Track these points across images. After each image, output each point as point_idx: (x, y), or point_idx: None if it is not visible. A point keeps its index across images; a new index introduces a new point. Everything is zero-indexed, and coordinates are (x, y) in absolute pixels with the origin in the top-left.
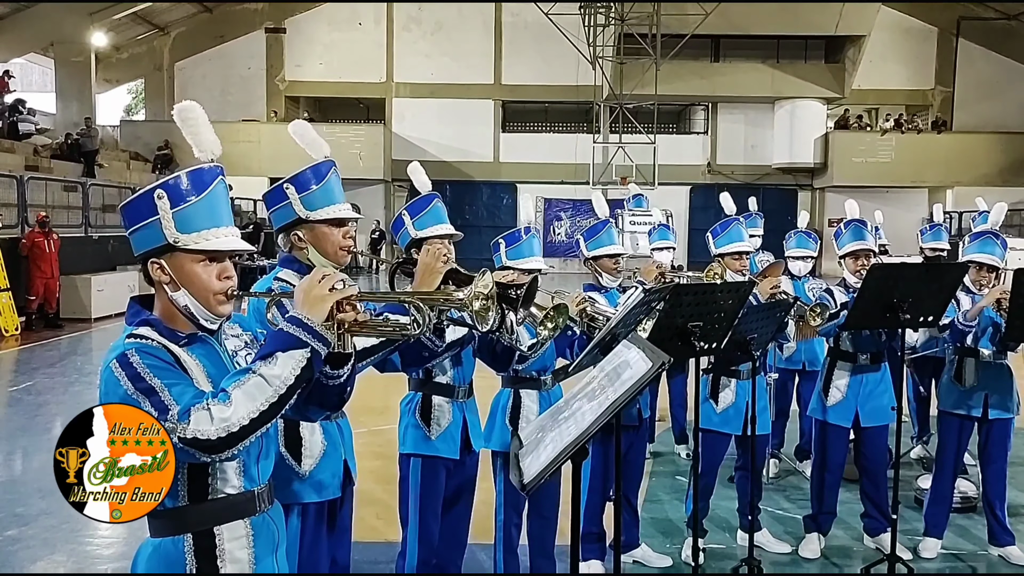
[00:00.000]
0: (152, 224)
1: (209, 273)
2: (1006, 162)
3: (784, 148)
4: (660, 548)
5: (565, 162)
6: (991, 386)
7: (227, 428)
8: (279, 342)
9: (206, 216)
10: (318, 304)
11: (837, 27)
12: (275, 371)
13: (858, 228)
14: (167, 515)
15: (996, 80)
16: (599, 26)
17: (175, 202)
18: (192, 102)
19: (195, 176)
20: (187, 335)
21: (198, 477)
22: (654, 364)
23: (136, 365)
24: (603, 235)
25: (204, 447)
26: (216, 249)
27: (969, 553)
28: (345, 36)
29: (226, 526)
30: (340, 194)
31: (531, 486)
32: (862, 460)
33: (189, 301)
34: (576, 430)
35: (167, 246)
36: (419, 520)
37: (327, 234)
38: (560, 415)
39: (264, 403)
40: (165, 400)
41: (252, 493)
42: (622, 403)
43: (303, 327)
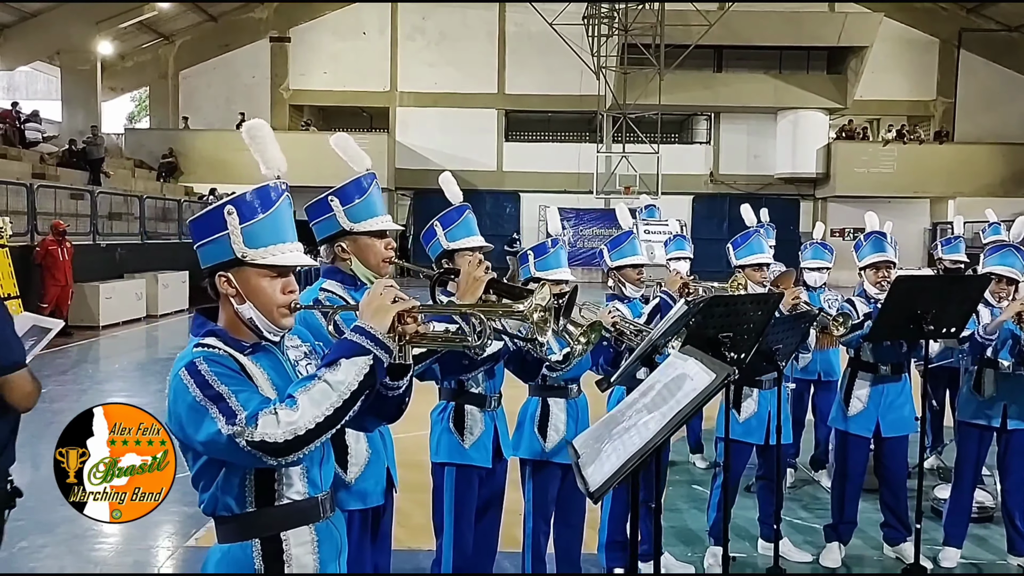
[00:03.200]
0: (221, 239)
1: (274, 287)
2: (1008, 173)
3: (786, 158)
4: (682, 557)
5: (568, 171)
6: (1010, 397)
7: (294, 431)
8: (344, 349)
9: (272, 232)
10: (381, 315)
11: (839, 38)
12: (339, 377)
13: (878, 240)
14: (235, 521)
15: (997, 91)
16: (603, 36)
17: (244, 218)
18: (260, 120)
19: (262, 193)
20: (251, 345)
21: (265, 483)
22: (718, 376)
23: (204, 373)
24: (626, 246)
25: (271, 450)
26: (282, 264)
27: (988, 563)
28: (349, 45)
29: (292, 531)
30: (382, 206)
31: (599, 493)
32: (882, 470)
33: (254, 314)
34: (640, 440)
35: (235, 260)
36: (454, 528)
37: (370, 245)
38: (617, 426)
39: (329, 408)
40: (232, 405)
41: (316, 499)
42: (688, 413)
43: (367, 335)
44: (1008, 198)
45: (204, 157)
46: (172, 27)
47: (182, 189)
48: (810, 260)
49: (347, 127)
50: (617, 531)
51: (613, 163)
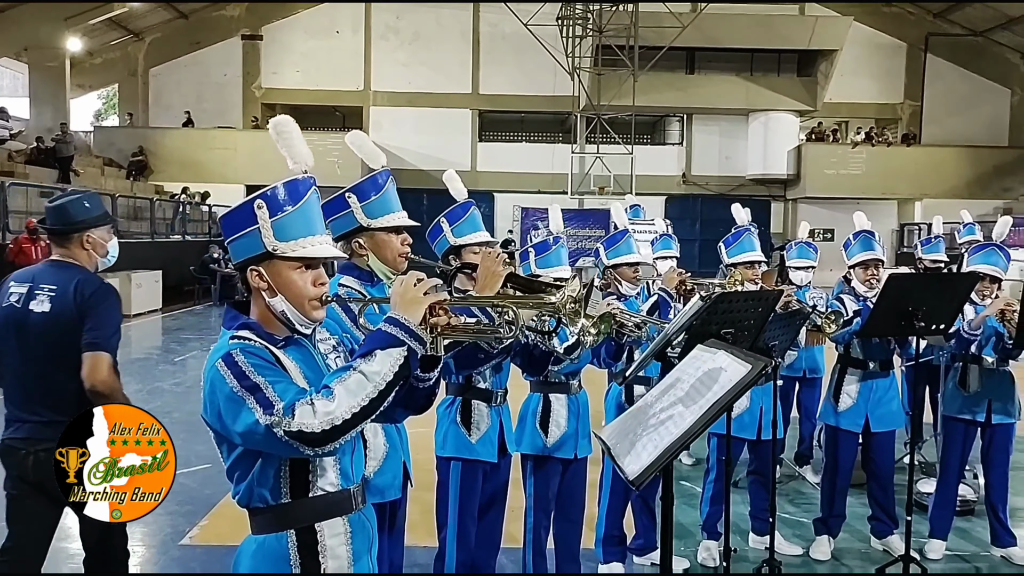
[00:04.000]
0: (251, 233)
1: (304, 280)
2: (973, 175)
3: (758, 159)
4: (675, 551)
5: (542, 172)
6: (994, 392)
7: (331, 421)
8: (378, 341)
9: (301, 225)
10: (413, 306)
11: (810, 41)
12: (374, 367)
13: (867, 239)
14: (271, 512)
15: (963, 95)
16: (577, 37)
17: (273, 212)
18: (286, 116)
19: (291, 187)
20: (284, 338)
21: (299, 474)
22: (754, 367)
23: (241, 364)
24: (622, 244)
25: (308, 440)
26: (312, 256)
27: (972, 554)
28: (322, 44)
29: (326, 523)
30: (398, 202)
31: (639, 481)
32: (871, 465)
33: (286, 307)
34: (677, 430)
35: (265, 254)
36: (458, 523)
37: (387, 241)
38: (648, 418)
39: (364, 398)
40: (269, 396)
41: (348, 491)
42: (725, 404)
43: (400, 327)
44: (973, 200)
45: (175, 155)
46: (142, 24)
47: (153, 188)
48: (796, 259)
49: (320, 126)
50: (614, 526)
51: (587, 164)
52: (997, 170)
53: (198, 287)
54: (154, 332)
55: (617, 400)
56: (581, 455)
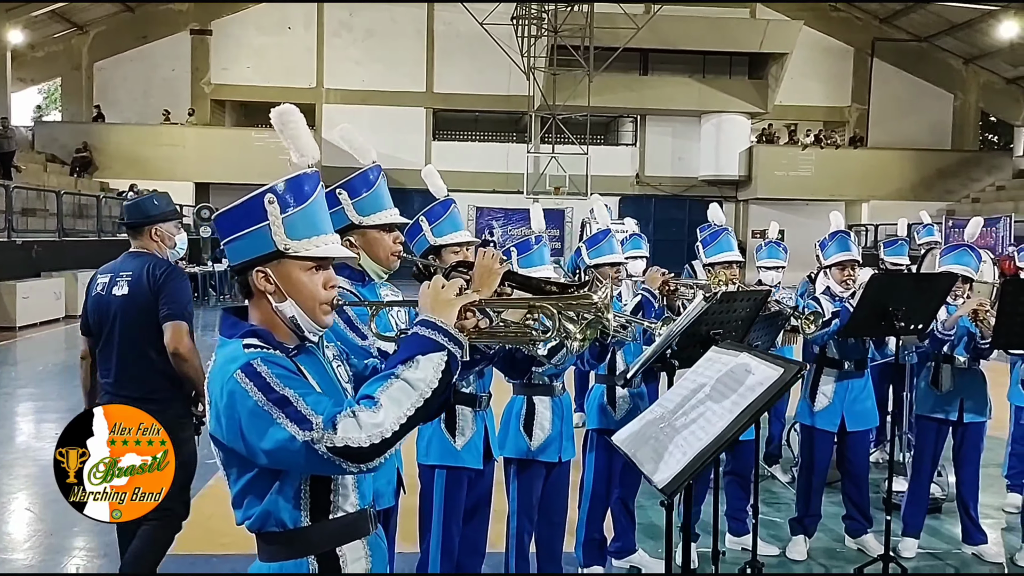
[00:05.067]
0: (259, 231)
1: (315, 282)
2: (917, 177)
3: (710, 161)
4: (652, 553)
5: (497, 171)
6: (966, 391)
7: (381, 434)
8: (417, 345)
9: (312, 223)
10: (447, 308)
11: (761, 44)
12: (418, 374)
13: (843, 239)
14: (289, 537)
15: (908, 99)
16: (532, 37)
17: (284, 208)
18: (291, 106)
19: (300, 182)
20: (295, 347)
21: (321, 495)
22: (787, 371)
23: (265, 375)
24: (604, 244)
25: (354, 456)
26: (324, 256)
27: (944, 552)
28: (274, 40)
29: (348, 546)
30: (389, 199)
31: (671, 489)
32: (846, 464)
33: (296, 311)
34: (707, 436)
35: (275, 253)
36: (443, 531)
37: (379, 239)
38: (671, 423)
39: (410, 408)
40: (303, 410)
41: (366, 511)
42: (761, 408)
43: (438, 330)
44: (918, 201)
45: (121, 152)
46: (86, 16)
47: (98, 185)
48: (766, 259)
49: (271, 123)
50: (594, 529)
51: (542, 164)
52: (940, 173)
53: None
54: None
55: (599, 401)
56: (565, 458)
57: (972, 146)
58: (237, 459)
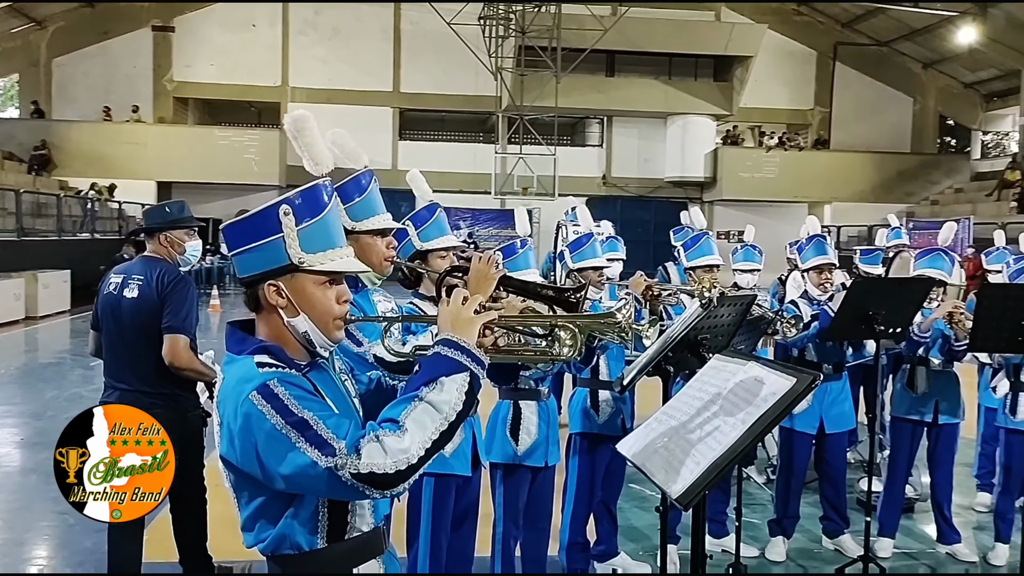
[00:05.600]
0: (273, 243)
1: (329, 296)
2: (878, 179)
3: (676, 162)
4: (633, 556)
5: (464, 171)
6: (941, 393)
7: (407, 460)
8: (440, 366)
9: (327, 235)
10: (469, 327)
11: (726, 47)
12: (443, 396)
13: (820, 243)
14: (305, 560)
15: (869, 102)
16: (500, 37)
17: (300, 219)
18: (305, 112)
19: (315, 193)
20: (307, 363)
21: (338, 516)
22: (800, 380)
23: (282, 396)
24: (587, 248)
25: (380, 482)
26: (340, 270)
27: (919, 551)
28: (238, 38)
29: (364, 566)
30: (382, 204)
31: (686, 500)
32: (824, 465)
33: (309, 327)
34: (720, 446)
35: (288, 267)
36: (431, 539)
37: (372, 244)
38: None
39: (435, 432)
40: (324, 434)
41: (379, 529)
42: (776, 417)
43: (461, 350)
44: (879, 203)
45: (81, 150)
46: (45, 12)
47: (57, 183)
48: (741, 262)
49: (235, 122)
50: (578, 533)
51: (510, 164)
52: (900, 175)
53: None
54: (63, 334)
55: (583, 404)
56: (551, 462)
57: (931, 149)
58: (250, 482)
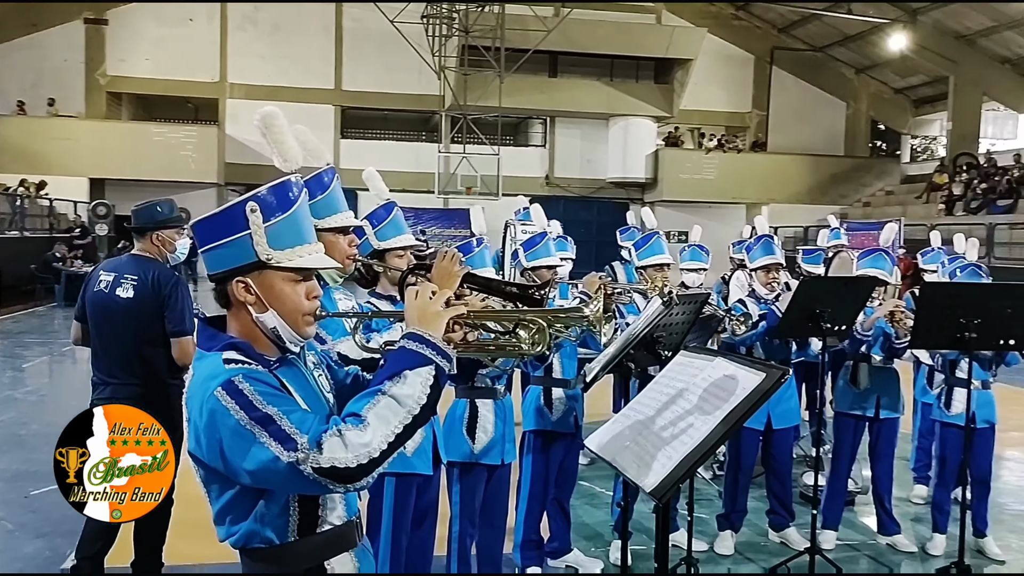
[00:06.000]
0: (241, 240)
1: (299, 292)
2: (814, 182)
3: (618, 163)
4: (586, 553)
5: (407, 170)
6: (882, 388)
7: (368, 454)
8: (404, 360)
9: (296, 232)
10: (435, 321)
11: (667, 50)
12: (406, 390)
13: (768, 243)
14: (276, 553)
15: (805, 106)
16: (443, 36)
17: (267, 216)
18: (276, 109)
19: (284, 189)
20: (277, 359)
21: (309, 510)
22: (770, 375)
23: (247, 392)
24: (541, 247)
25: (341, 476)
26: (309, 267)
27: (860, 543)
28: (175, 32)
29: (336, 560)
30: (344, 201)
31: (659, 493)
32: (771, 460)
33: (278, 323)
34: (693, 441)
35: (257, 263)
36: (391, 538)
37: (334, 242)
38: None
39: (399, 425)
40: (287, 429)
41: (352, 522)
42: (746, 412)
43: (426, 343)
44: (814, 205)
45: (9, 145)
46: None
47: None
48: (688, 261)
49: (171, 118)
50: (532, 530)
51: (453, 163)
52: (834, 178)
53: (39, 287)
54: None
55: (536, 403)
56: (507, 460)
57: (863, 152)
58: (218, 477)
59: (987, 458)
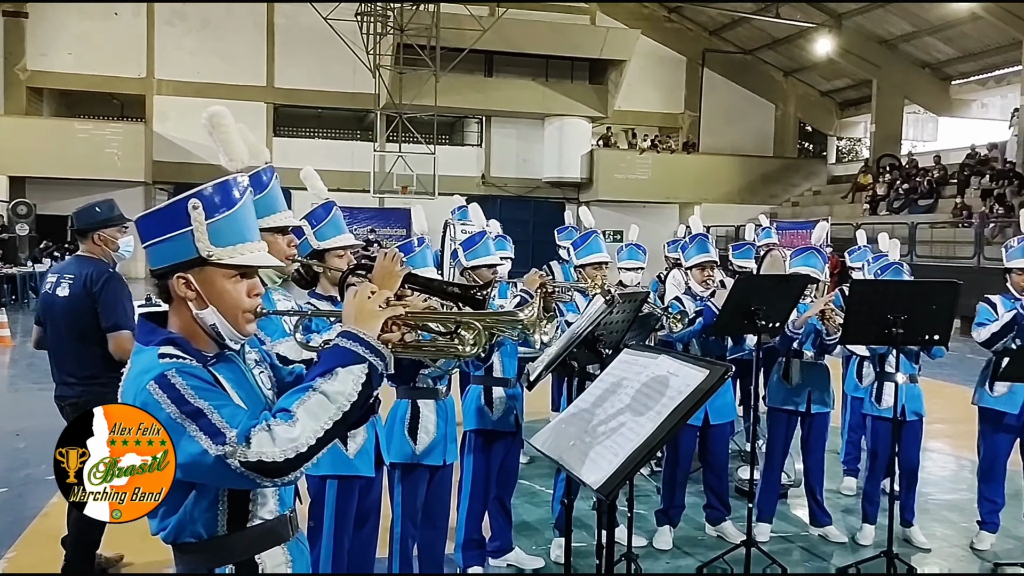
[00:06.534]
0: (182, 236)
1: (239, 290)
2: (744, 182)
3: (553, 163)
4: (527, 551)
5: (342, 169)
6: (813, 384)
7: (295, 448)
8: (337, 357)
9: (238, 230)
10: (371, 320)
11: (601, 51)
12: (337, 387)
13: (703, 242)
14: (206, 547)
15: (735, 107)
16: (377, 34)
17: (209, 213)
18: (223, 108)
19: (227, 187)
20: (214, 355)
21: (239, 504)
22: (713, 372)
23: (179, 386)
24: (480, 246)
25: (268, 471)
26: (251, 264)
27: (794, 535)
28: (99, 26)
29: (267, 553)
30: (283, 201)
31: (606, 491)
32: (708, 455)
33: (217, 319)
34: (638, 438)
35: (198, 260)
36: (333, 542)
37: (272, 242)
38: (595, 426)
39: (328, 421)
40: (216, 423)
41: (285, 517)
42: (690, 409)
43: (360, 342)
44: (745, 204)
45: None
46: None
47: None
48: (626, 261)
49: (96, 115)
50: (473, 530)
51: (388, 162)
52: (764, 178)
53: None
54: None
55: (477, 403)
56: (449, 461)
57: (791, 153)
58: None
59: (915, 449)
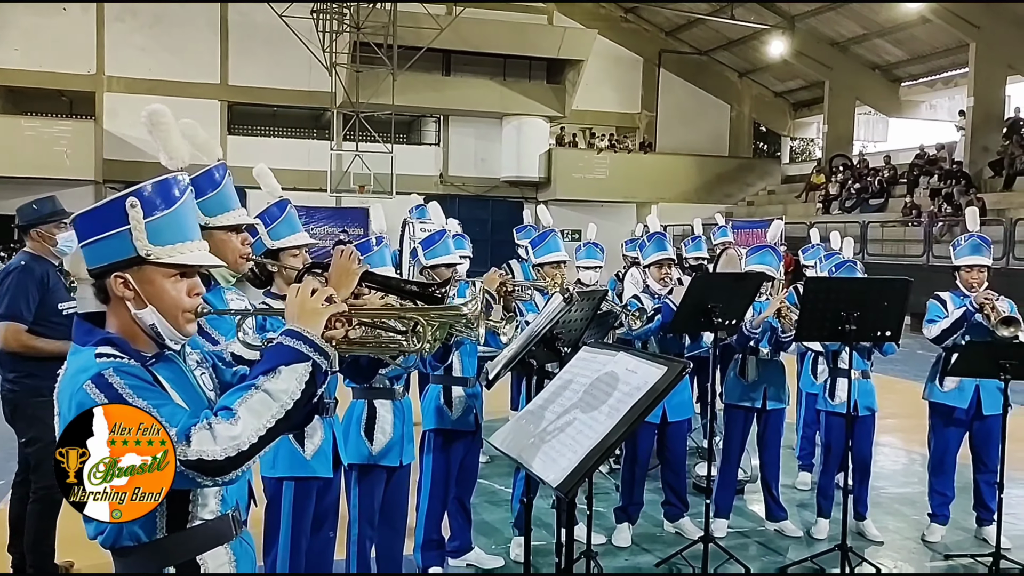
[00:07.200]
0: (120, 235)
1: (179, 289)
2: (700, 181)
3: (512, 162)
4: (487, 550)
5: (298, 168)
6: (769, 380)
7: (237, 447)
8: (280, 356)
9: (178, 228)
10: (314, 318)
11: (559, 51)
12: (280, 385)
13: (660, 240)
14: (145, 550)
15: (691, 108)
16: (334, 32)
17: (148, 212)
18: (163, 106)
19: (167, 186)
20: (153, 355)
21: (178, 506)
22: (671, 369)
23: (117, 386)
24: (439, 245)
25: (210, 469)
26: (190, 264)
27: (751, 530)
28: (47, 21)
29: (209, 554)
30: (236, 199)
31: (565, 489)
32: (666, 452)
33: (156, 319)
34: (596, 435)
35: (136, 259)
36: (290, 544)
37: (226, 241)
38: (547, 423)
39: (271, 419)
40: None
41: (228, 516)
42: (648, 406)
43: (303, 340)
44: (701, 204)
45: None
46: None
47: None
48: (584, 259)
49: (45, 112)
50: (433, 530)
51: (345, 161)
52: (720, 178)
53: None
54: None
55: (436, 402)
56: (406, 461)
57: (746, 153)
58: None
59: (868, 444)
